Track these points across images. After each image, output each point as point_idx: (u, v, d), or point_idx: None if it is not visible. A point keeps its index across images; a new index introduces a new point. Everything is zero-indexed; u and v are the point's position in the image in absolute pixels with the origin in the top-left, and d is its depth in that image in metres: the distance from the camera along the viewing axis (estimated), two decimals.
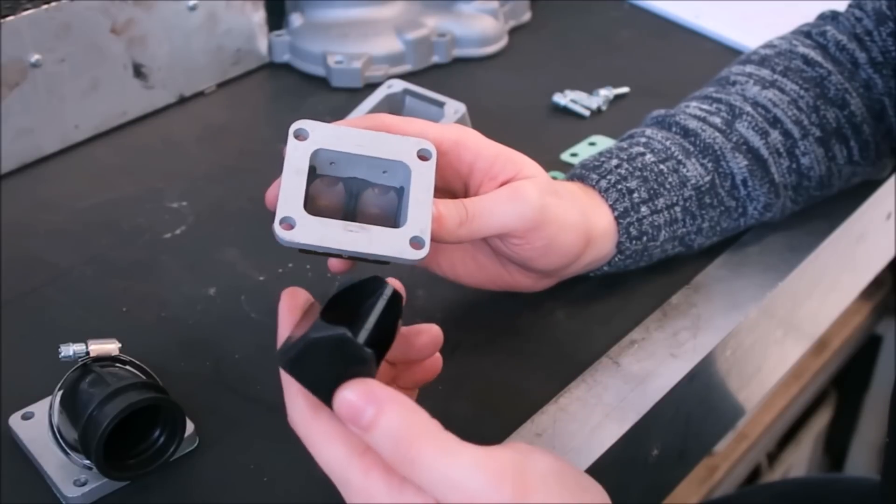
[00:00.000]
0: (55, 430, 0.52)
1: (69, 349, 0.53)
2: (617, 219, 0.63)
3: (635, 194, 0.63)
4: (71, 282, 0.68)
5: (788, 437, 1.59)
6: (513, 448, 0.42)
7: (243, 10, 0.90)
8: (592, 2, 1.05)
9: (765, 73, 0.70)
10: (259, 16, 0.91)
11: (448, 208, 0.54)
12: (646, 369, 0.61)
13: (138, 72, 0.84)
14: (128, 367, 0.55)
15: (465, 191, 0.58)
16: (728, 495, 1.00)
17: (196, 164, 0.81)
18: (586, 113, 0.86)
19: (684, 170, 0.65)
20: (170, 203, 0.75)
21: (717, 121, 0.67)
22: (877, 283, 1.44)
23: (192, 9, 0.86)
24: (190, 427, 0.55)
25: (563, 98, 0.87)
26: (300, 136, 0.52)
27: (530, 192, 0.57)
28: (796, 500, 0.89)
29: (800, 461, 1.63)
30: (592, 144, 0.81)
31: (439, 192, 0.55)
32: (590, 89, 0.88)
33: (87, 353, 0.54)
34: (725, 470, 1.39)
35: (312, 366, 0.43)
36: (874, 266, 0.86)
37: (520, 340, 0.63)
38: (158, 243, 0.72)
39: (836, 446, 1.73)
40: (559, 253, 0.59)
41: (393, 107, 0.78)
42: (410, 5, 0.95)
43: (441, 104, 0.76)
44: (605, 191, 0.63)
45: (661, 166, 0.65)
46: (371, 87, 0.84)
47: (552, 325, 0.64)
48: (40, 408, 0.57)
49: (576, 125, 0.85)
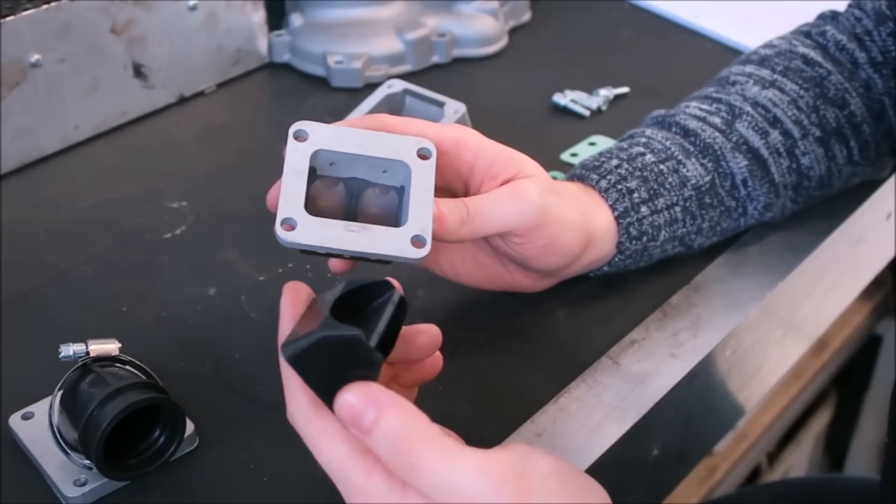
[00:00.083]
0: (55, 430, 0.52)
1: (69, 349, 0.53)
2: (617, 219, 0.63)
3: (635, 194, 0.63)
4: (71, 282, 0.68)
5: (788, 437, 1.59)
6: (513, 450, 0.42)
7: (243, 10, 0.90)
8: (592, 2, 1.05)
9: (765, 73, 0.70)
10: (259, 16, 0.91)
11: (449, 207, 0.54)
12: (646, 369, 0.61)
13: (138, 72, 0.84)
14: (128, 367, 0.55)
15: (466, 191, 0.58)
16: (728, 495, 1.00)
17: (196, 164, 0.81)
18: (586, 113, 0.86)
19: (684, 170, 0.65)
20: (170, 203, 0.75)
21: (717, 121, 0.67)
22: (877, 283, 1.44)
23: (192, 9, 0.86)
24: (190, 427, 0.55)
25: (563, 98, 0.87)
26: (300, 137, 0.52)
27: (532, 190, 0.57)
28: (796, 500, 0.89)
29: (800, 461, 1.63)
30: (592, 144, 0.81)
31: (440, 192, 0.55)
32: (590, 89, 0.88)
33: (87, 353, 0.54)
34: (725, 470, 1.39)
35: (319, 363, 0.43)
36: (874, 266, 0.86)
37: (520, 340, 0.63)
38: (158, 243, 0.72)
39: (836, 446, 1.73)
40: (560, 252, 0.59)
41: (393, 107, 0.77)
42: (410, 5, 0.95)
43: (441, 104, 0.76)
44: (606, 191, 0.63)
45: (661, 166, 0.65)
46: (371, 87, 0.84)
47: (552, 325, 0.64)
48: (40, 408, 0.57)
49: (576, 125, 0.85)
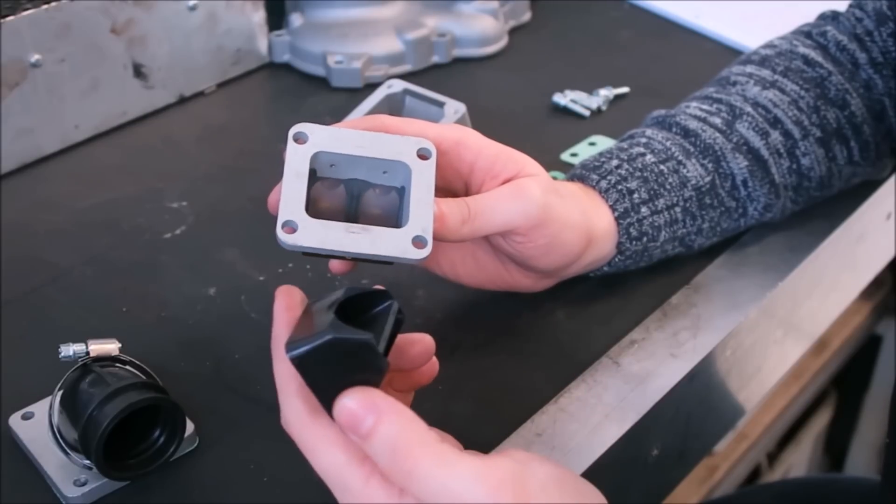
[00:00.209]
0: (55, 430, 0.52)
1: (69, 349, 0.53)
2: (617, 219, 0.63)
3: (635, 195, 0.63)
4: (71, 282, 0.68)
5: (788, 437, 1.59)
6: (511, 457, 0.42)
7: (243, 10, 0.90)
8: (592, 2, 1.05)
9: (765, 73, 0.70)
10: (259, 16, 0.91)
11: (450, 207, 0.54)
12: (646, 369, 0.61)
13: (138, 72, 0.84)
14: (128, 367, 0.55)
15: (466, 191, 0.58)
16: (728, 495, 1.00)
17: (196, 164, 0.81)
18: (586, 113, 0.86)
19: (684, 170, 0.65)
20: (170, 203, 0.75)
21: (717, 121, 0.67)
22: (877, 283, 1.44)
23: (192, 9, 0.86)
24: (190, 427, 0.55)
25: (563, 98, 0.87)
26: (299, 139, 0.52)
27: (534, 189, 0.57)
28: (796, 500, 0.89)
29: (800, 461, 1.63)
30: (592, 144, 0.81)
31: (440, 192, 0.54)
32: (590, 89, 0.88)
33: (87, 353, 0.54)
34: (725, 470, 1.39)
35: (323, 365, 0.42)
36: (874, 266, 0.86)
37: (520, 340, 0.63)
38: (158, 243, 0.72)
39: (836, 446, 1.73)
40: (561, 252, 0.59)
41: (393, 107, 0.77)
42: (410, 5, 0.95)
43: (441, 104, 0.76)
44: (606, 191, 0.63)
45: (662, 167, 0.65)
46: (371, 87, 0.84)
47: (552, 325, 0.64)
48: (40, 408, 0.57)
49: (576, 125, 0.85)
